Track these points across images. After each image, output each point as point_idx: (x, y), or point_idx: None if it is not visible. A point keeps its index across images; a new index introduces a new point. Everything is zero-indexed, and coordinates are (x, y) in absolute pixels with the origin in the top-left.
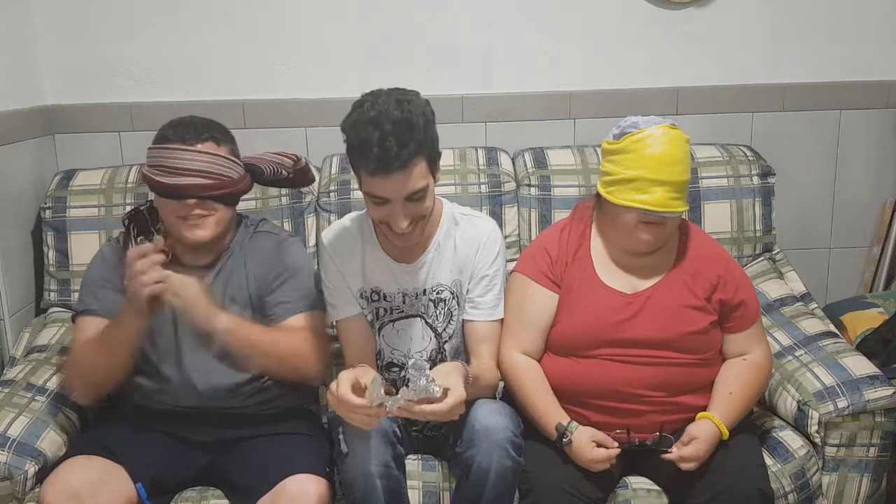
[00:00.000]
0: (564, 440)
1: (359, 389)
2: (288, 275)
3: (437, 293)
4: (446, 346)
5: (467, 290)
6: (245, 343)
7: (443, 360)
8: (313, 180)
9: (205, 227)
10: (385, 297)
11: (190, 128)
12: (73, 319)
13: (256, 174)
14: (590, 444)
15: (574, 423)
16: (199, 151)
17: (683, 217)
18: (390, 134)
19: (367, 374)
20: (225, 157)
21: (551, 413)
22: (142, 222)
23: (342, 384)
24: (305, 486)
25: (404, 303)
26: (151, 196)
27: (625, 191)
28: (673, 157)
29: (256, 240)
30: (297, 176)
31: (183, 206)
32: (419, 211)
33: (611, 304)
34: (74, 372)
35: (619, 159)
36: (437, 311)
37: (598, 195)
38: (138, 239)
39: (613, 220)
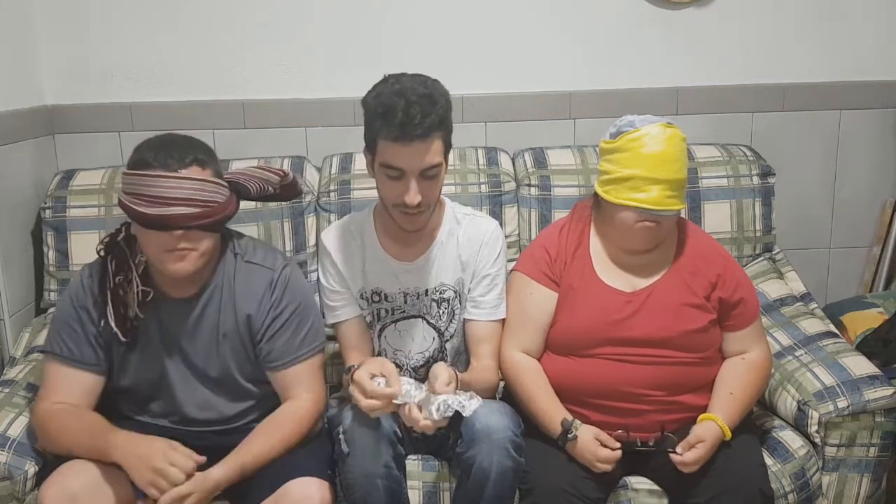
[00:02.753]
0: (570, 436)
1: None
2: (283, 319)
3: (441, 293)
4: (447, 346)
5: (469, 290)
6: (254, 467)
7: (443, 360)
8: (301, 193)
9: (189, 259)
10: (386, 297)
11: (172, 151)
12: (42, 352)
13: (242, 194)
14: (594, 442)
15: (577, 421)
16: (184, 178)
17: (682, 216)
18: (415, 103)
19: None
20: (211, 182)
21: (554, 410)
22: (119, 255)
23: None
24: (308, 489)
25: (406, 302)
26: (131, 225)
27: (622, 190)
28: (669, 156)
29: (247, 273)
30: (283, 191)
31: (169, 239)
32: (430, 192)
33: (610, 303)
34: (45, 442)
35: (616, 158)
36: (441, 311)
37: (595, 194)
38: (117, 278)
39: (611, 219)
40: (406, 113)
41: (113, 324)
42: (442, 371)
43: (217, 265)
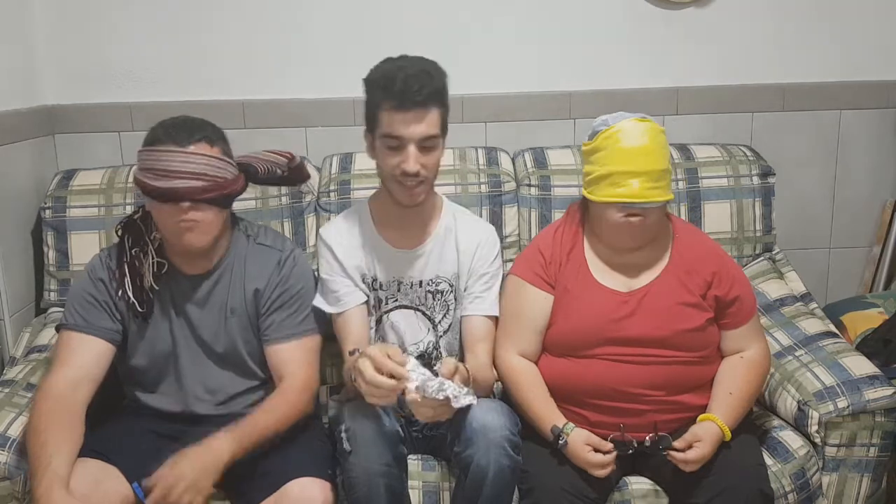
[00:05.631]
0: (560, 442)
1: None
2: (288, 295)
3: (436, 285)
4: (441, 341)
5: (465, 287)
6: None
7: (438, 357)
8: (308, 177)
9: (199, 231)
10: (381, 285)
11: (182, 128)
12: (57, 330)
13: (250, 174)
14: (585, 448)
15: (570, 425)
16: (192, 153)
17: (681, 216)
18: (413, 75)
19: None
20: (218, 158)
21: (547, 415)
22: (136, 232)
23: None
24: (309, 489)
25: (399, 291)
26: (145, 203)
27: (602, 187)
28: (645, 148)
29: (257, 253)
30: (291, 174)
31: (177, 211)
32: (429, 163)
33: (606, 303)
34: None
35: (595, 158)
36: (435, 303)
37: (583, 196)
38: (133, 251)
39: (599, 218)
40: (405, 82)
41: (130, 294)
42: (449, 360)
43: (229, 245)
